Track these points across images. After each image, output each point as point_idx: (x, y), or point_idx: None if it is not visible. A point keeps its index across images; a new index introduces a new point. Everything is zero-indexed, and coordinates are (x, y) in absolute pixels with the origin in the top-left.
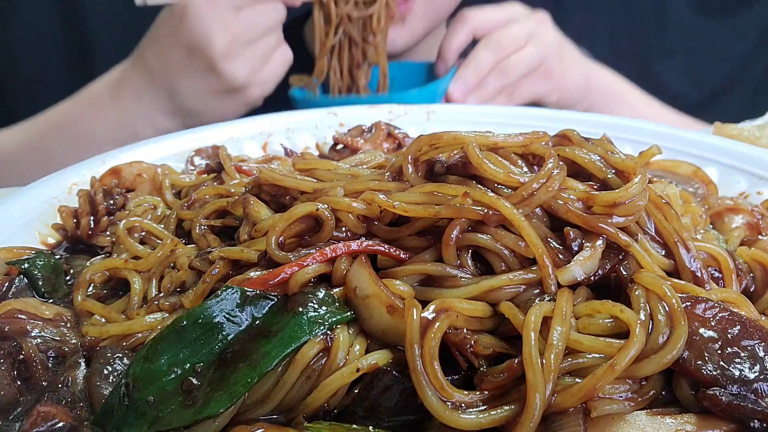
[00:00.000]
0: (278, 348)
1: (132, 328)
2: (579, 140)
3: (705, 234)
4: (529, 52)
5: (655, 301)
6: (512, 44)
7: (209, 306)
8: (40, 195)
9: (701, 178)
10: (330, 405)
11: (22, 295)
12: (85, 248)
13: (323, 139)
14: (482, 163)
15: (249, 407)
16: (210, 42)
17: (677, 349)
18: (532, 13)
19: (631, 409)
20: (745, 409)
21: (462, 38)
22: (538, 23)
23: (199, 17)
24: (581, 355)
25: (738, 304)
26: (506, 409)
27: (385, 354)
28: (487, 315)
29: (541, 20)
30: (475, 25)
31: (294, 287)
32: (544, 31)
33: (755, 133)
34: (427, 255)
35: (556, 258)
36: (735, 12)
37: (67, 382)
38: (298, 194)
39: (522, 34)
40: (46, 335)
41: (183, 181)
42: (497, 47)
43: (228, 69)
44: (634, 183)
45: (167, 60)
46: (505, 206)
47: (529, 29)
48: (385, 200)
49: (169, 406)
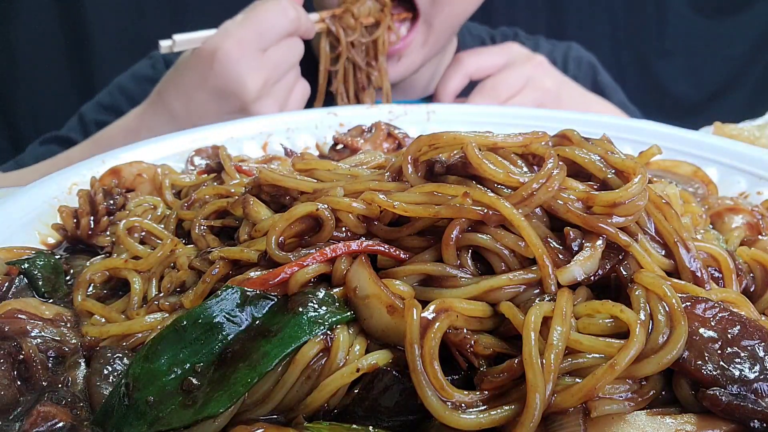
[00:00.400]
0: (278, 348)
1: (132, 328)
2: (579, 140)
3: (705, 234)
4: (525, 98)
5: (655, 301)
6: (508, 90)
7: (209, 306)
8: (40, 195)
9: (701, 178)
10: (330, 405)
11: (22, 295)
12: (85, 248)
13: (323, 139)
14: (481, 163)
15: (249, 407)
16: (244, 86)
17: (677, 349)
18: (530, 55)
19: (631, 409)
20: (745, 409)
21: (458, 81)
22: (536, 67)
23: (231, 62)
24: (581, 355)
25: (738, 304)
26: (506, 409)
27: (385, 354)
28: (487, 315)
29: (539, 64)
30: (471, 70)
31: (294, 287)
32: (542, 75)
33: (755, 133)
34: (427, 255)
35: (556, 258)
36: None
37: (67, 382)
38: (298, 194)
39: (518, 80)
40: (46, 335)
41: (183, 181)
42: (492, 93)
43: (259, 111)
44: (634, 183)
45: (192, 103)
46: (504, 206)
47: (525, 74)
48: (385, 200)
49: (169, 406)
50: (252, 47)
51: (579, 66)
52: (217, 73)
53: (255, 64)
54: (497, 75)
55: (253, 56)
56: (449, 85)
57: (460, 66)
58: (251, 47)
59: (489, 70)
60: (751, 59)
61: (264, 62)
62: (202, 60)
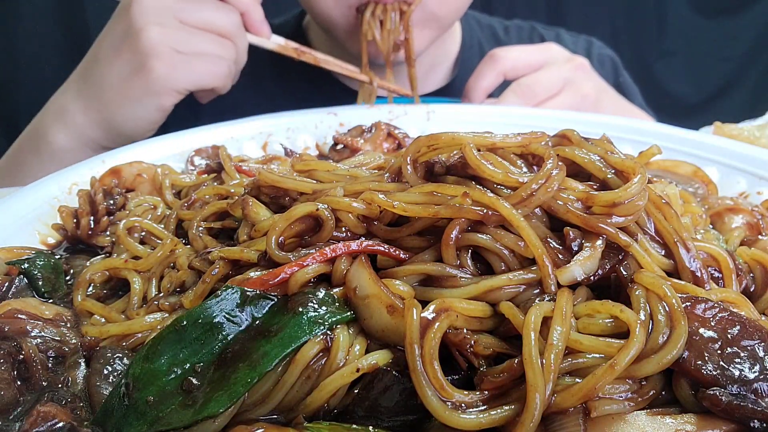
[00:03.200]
0: (278, 348)
1: (132, 328)
2: (578, 140)
3: (705, 234)
4: (563, 102)
5: (655, 301)
6: (544, 91)
7: (209, 306)
8: (40, 195)
9: (701, 178)
10: (330, 405)
11: (22, 295)
12: (85, 248)
13: (323, 139)
14: (480, 164)
15: (249, 407)
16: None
17: (677, 349)
18: (571, 57)
19: (631, 409)
20: (745, 409)
21: (491, 79)
22: (576, 69)
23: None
24: (581, 355)
25: (738, 304)
26: (506, 409)
27: (385, 354)
28: (487, 315)
29: (580, 66)
30: (507, 67)
31: (294, 287)
32: (582, 78)
33: (755, 133)
34: (426, 255)
35: (556, 258)
36: (735, 12)
37: (67, 382)
38: (297, 195)
39: (556, 81)
40: (46, 335)
41: (183, 181)
42: (528, 93)
43: (153, 68)
44: (634, 183)
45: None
46: (504, 206)
47: (564, 75)
48: (384, 200)
49: (169, 406)
50: (172, 10)
51: (602, 64)
52: (124, 22)
53: (163, 22)
54: (534, 74)
55: (167, 17)
56: (481, 82)
57: (494, 63)
58: (171, 9)
59: (525, 70)
60: (751, 59)
61: (177, 27)
62: (119, 11)
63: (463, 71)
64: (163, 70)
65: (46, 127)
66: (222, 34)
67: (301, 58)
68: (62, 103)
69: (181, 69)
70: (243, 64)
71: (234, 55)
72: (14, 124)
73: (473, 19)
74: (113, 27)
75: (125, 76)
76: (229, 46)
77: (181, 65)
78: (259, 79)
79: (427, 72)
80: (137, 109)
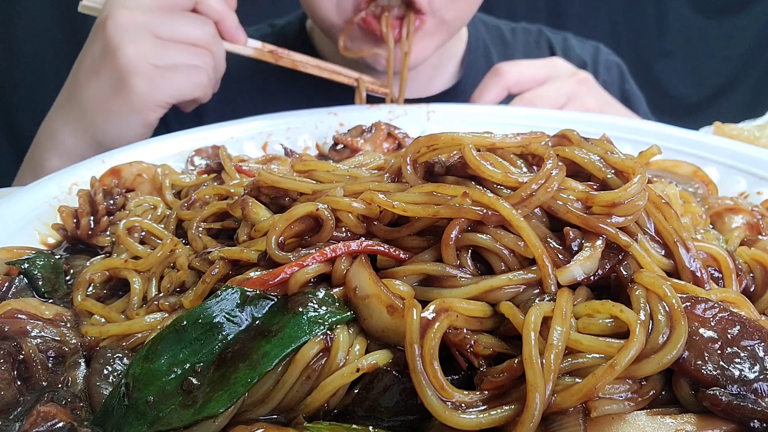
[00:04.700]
0: (278, 348)
1: (132, 328)
2: (578, 140)
3: (705, 234)
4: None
5: (655, 301)
6: (547, 106)
7: (209, 306)
8: (40, 195)
9: (701, 178)
10: (330, 405)
11: (22, 295)
12: (85, 248)
13: (323, 139)
14: (479, 164)
15: (249, 407)
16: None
17: (677, 349)
18: (575, 71)
19: (631, 409)
20: (745, 409)
21: (495, 94)
22: (580, 84)
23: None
24: (581, 355)
25: (738, 304)
26: (506, 409)
27: (385, 354)
28: (487, 315)
29: (584, 81)
30: (511, 81)
31: (294, 287)
32: (586, 93)
33: (755, 133)
34: (426, 255)
35: (556, 258)
36: (735, 12)
37: (67, 382)
38: (297, 196)
39: (559, 96)
40: (46, 335)
41: (183, 181)
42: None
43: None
44: (634, 183)
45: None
46: (504, 207)
47: (567, 90)
48: (384, 200)
49: (169, 406)
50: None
51: (609, 71)
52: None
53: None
54: (537, 89)
55: (142, 33)
56: (486, 96)
57: (499, 77)
58: (145, 25)
59: (529, 84)
60: (751, 59)
61: (153, 42)
62: (95, 31)
63: (469, 72)
64: (143, 85)
65: (40, 155)
66: (198, 45)
67: (279, 63)
68: (52, 129)
69: (160, 83)
70: (222, 71)
71: (212, 63)
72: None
73: (479, 20)
74: (90, 47)
75: (107, 95)
76: (206, 55)
77: (161, 79)
78: (259, 79)
79: (432, 73)
80: (122, 127)
